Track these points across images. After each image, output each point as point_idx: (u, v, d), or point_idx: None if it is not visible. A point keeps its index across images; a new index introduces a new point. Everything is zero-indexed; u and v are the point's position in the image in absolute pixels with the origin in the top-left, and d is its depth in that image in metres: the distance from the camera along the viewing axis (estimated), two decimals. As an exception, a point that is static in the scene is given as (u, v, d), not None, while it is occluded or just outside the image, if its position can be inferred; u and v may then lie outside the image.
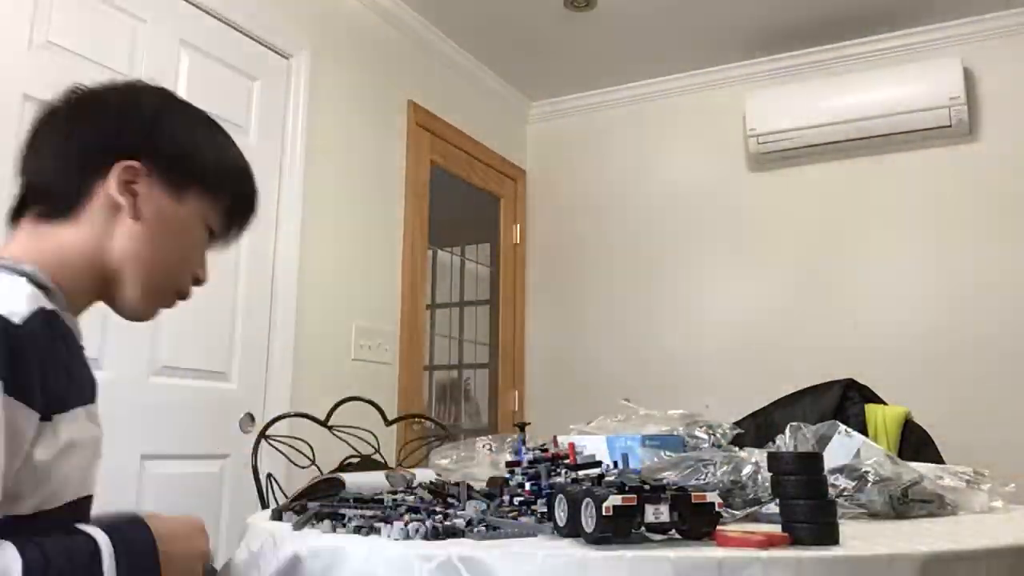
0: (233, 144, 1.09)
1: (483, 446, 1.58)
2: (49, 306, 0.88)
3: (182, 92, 2.46)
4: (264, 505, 1.87)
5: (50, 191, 0.98)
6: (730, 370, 3.55)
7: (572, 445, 1.07)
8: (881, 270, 3.43)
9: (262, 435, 1.97)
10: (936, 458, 2.08)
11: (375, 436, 2.02)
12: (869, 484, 1.24)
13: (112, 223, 0.97)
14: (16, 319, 0.82)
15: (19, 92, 2.03)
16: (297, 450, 1.91)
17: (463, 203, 4.06)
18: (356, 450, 1.96)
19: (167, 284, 1.02)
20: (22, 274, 0.90)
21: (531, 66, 3.86)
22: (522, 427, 1.01)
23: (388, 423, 2.22)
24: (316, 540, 0.94)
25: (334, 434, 2.01)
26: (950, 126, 3.28)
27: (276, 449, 1.94)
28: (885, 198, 3.46)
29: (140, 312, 1.02)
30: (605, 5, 3.31)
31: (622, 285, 3.90)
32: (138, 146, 0.98)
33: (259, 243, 2.63)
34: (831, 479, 1.25)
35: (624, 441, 1.15)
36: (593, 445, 1.24)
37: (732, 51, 3.68)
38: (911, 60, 3.42)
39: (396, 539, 0.88)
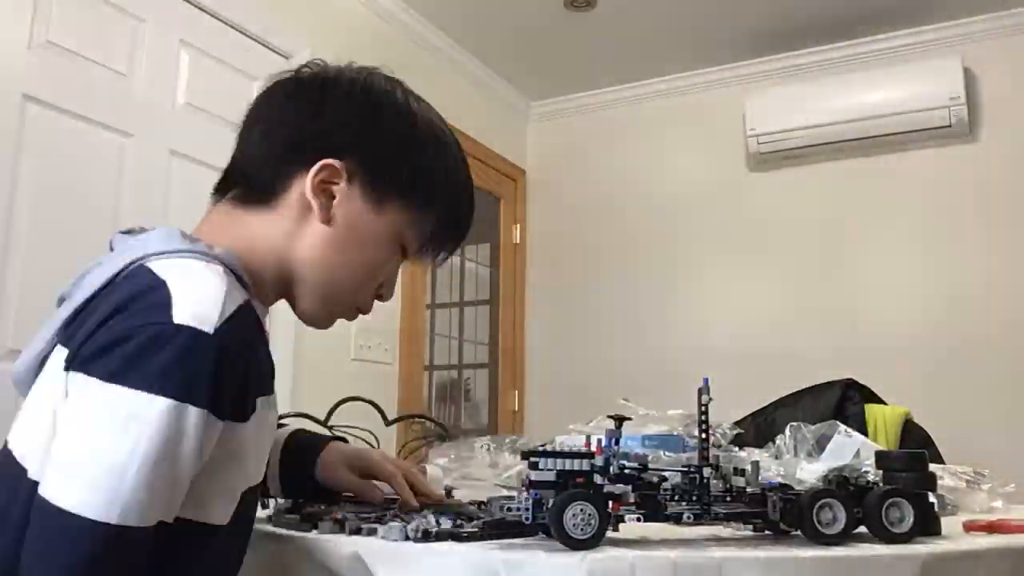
0: (459, 159, 0.98)
1: (482, 446, 1.58)
2: (244, 297, 0.80)
3: (182, 92, 2.47)
4: (264, 505, 1.87)
5: (251, 175, 0.92)
6: (730, 370, 3.55)
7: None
8: (881, 270, 3.43)
9: (262, 435, 1.96)
10: (936, 458, 2.07)
11: (375, 436, 2.02)
12: (869, 484, 1.24)
13: (304, 222, 0.90)
14: (207, 327, 0.74)
15: (19, 92, 2.02)
16: (297, 450, 1.91)
17: (463, 203, 4.05)
18: (356, 450, 1.95)
19: (347, 296, 0.95)
20: (214, 258, 0.82)
21: (531, 66, 3.86)
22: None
23: (388, 423, 2.22)
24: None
25: (334, 434, 2.01)
26: (950, 126, 3.28)
27: (276, 449, 1.94)
28: (885, 198, 3.46)
29: (315, 319, 0.96)
30: (605, 5, 3.31)
31: (622, 285, 3.90)
32: (346, 145, 0.90)
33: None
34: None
35: (624, 441, 1.15)
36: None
37: (732, 51, 3.67)
38: (911, 60, 3.42)
39: (395, 539, 0.88)
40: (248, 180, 0.92)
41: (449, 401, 4.52)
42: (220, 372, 0.74)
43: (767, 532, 0.93)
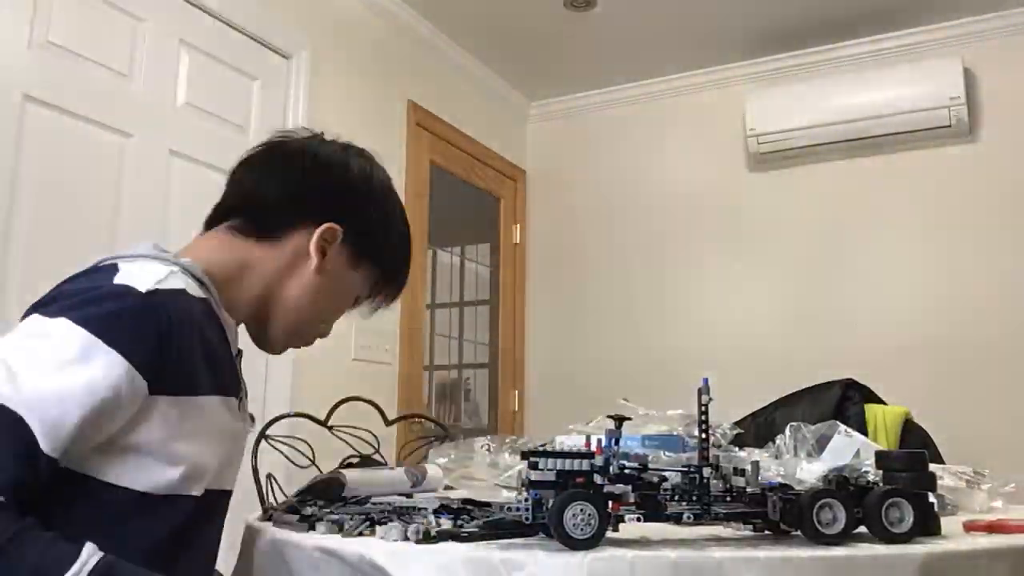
0: (409, 237, 1.20)
1: (482, 446, 1.59)
2: (195, 293, 0.93)
3: (182, 92, 2.47)
4: (264, 506, 1.87)
5: (262, 214, 1.06)
6: (730, 370, 3.54)
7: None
8: (881, 270, 3.43)
9: (262, 435, 1.96)
10: (936, 458, 2.07)
11: (375, 436, 2.01)
12: (869, 484, 1.24)
13: (297, 266, 1.06)
14: (141, 287, 0.86)
15: (19, 92, 2.02)
16: (297, 450, 1.91)
17: (463, 203, 4.06)
18: (356, 450, 1.95)
19: (308, 332, 1.12)
20: (176, 264, 0.95)
21: (531, 66, 3.86)
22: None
23: (388, 423, 2.21)
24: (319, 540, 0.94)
25: (334, 434, 2.01)
26: (950, 126, 3.28)
27: (276, 449, 1.94)
28: (885, 198, 3.46)
29: (276, 346, 1.11)
30: (605, 5, 3.31)
31: (622, 285, 3.90)
32: (343, 213, 1.07)
33: (259, 243, 2.63)
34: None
35: (624, 441, 1.15)
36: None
37: (732, 51, 3.67)
38: (911, 60, 3.42)
39: (395, 540, 0.88)
40: (253, 216, 1.06)
41: (449, 401, 4.52)
42: (143, 325, 0.85)
43: (767, 532, 0.93)
